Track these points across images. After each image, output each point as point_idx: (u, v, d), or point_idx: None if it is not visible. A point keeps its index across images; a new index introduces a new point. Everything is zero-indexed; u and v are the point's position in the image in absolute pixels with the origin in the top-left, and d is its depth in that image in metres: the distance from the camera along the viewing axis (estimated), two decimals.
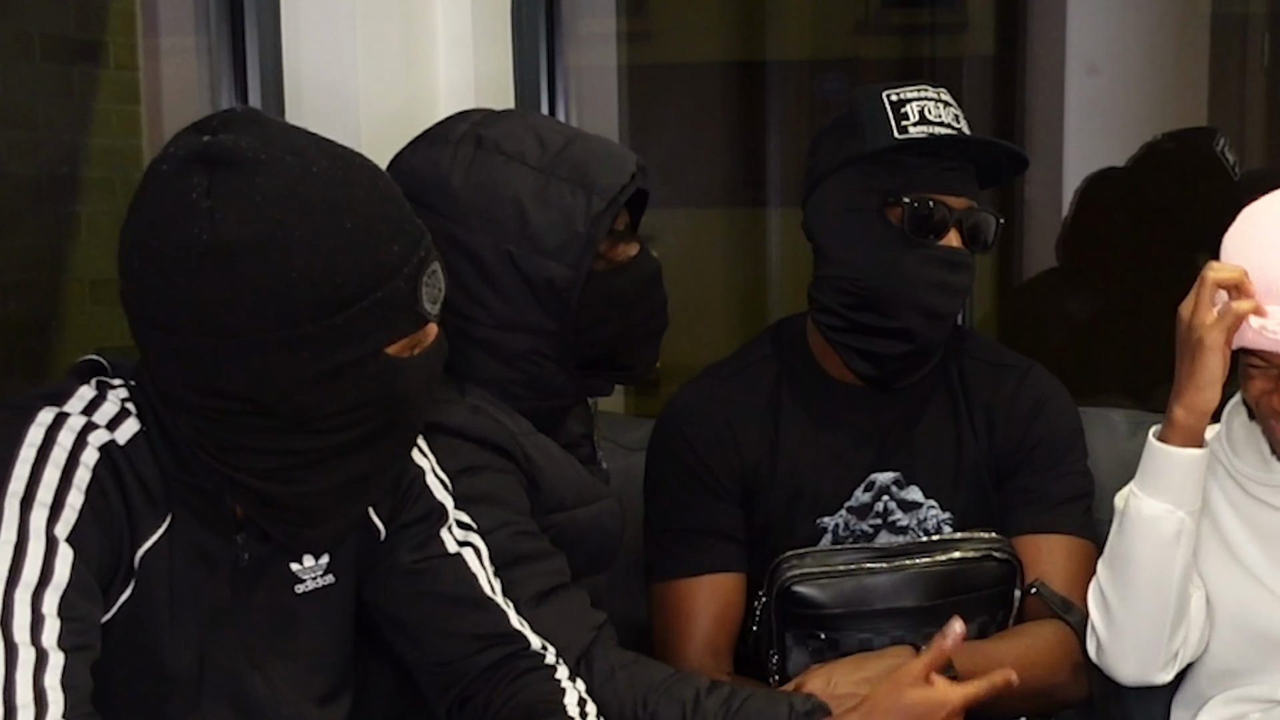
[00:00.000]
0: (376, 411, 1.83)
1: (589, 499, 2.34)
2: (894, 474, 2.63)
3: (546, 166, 2.22)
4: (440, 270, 1.81)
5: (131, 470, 1.83)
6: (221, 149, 1.70)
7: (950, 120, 2.42)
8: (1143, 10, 4.38)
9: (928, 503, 2.63)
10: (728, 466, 2.58)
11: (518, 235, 2.18)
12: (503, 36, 3.23)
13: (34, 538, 1.71)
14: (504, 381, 2.24)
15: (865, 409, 2.58)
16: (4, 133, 3.26)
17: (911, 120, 2.45)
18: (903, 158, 2.39)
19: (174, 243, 1.67)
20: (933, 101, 2.46)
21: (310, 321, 1.72)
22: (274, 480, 1.86)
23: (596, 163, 2.19)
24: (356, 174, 1.78)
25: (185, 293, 1.70)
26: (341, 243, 1.74)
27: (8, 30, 3.24)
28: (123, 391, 1.85)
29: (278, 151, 1.72)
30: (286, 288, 1.71)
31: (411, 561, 2.07)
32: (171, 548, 1.86)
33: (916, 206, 2.41)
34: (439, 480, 2.09)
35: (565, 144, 2.20)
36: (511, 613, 2.07)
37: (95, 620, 1.78)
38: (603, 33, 3.81)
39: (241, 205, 1.68)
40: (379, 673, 2.18)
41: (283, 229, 1.70)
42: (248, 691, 1.97)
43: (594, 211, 2.12)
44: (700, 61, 4.75)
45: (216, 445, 1.82)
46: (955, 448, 2.63)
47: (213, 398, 1.77)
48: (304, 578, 1.99)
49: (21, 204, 3.33)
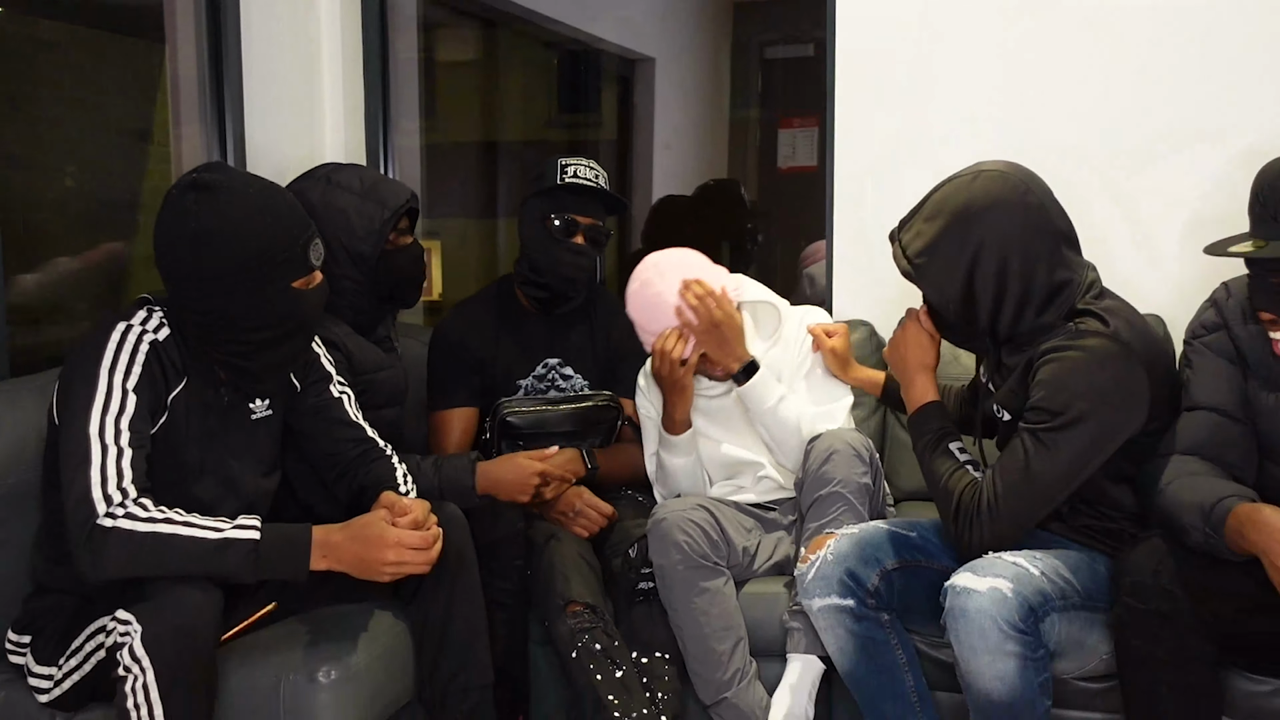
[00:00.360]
0: (289, 319, 2.18)
1: (384, 367, 2.79)
2: (557, 359, 3.09)
3: (362, 194, 2.69)
4: (320, 242, 2.21)
5: (165, 354, 2.15)
6: (202, 180, 2.07)
7: (590, 177, 2.92)
8: (693, 112, 4.90)
9: (576, 375, 3.09)
10: (467, 351, 3.02)
11: (345, 230, 2.66)
12: (359, 126, 3.89)
13: (116, 389, 2.06)
14: (337, 306, 2.63)
15: (542, 324, 3.06)
16: (100, 178, 3.51)
17: (569, 175, 2.91)
18: (559, 194, 2.92)
19: (175, 230, 2.07)
20: (584, 166, 2.95)
21: (251, 269, 2.08)
22: (240, 357, 2.18)
23: (389, 192, 2.72)
24: (273, 192, 2.16)
25: (185, 256, 2.07)
26: (265, 226, 2.09)
27: (98, 120, 3.48)
28: (160, 312, 2.17)
29: (231, 181, 2.10)
30: (238, 250, 2.07)
31: (314, 401, 2.43)
32: (186, 395, 2.20)
33: (559, 222, 2.94)
34: (326, 359, 2.48)
35: (375, 181, 2.74)
36: (368, 427, 2.48)
37: (147, 433, 2.10)
38: (411, 127, 4.15)
39: (210, 209, 2.06)
40: (294, 463, 2.53)
41: (233, 220, 2.06)
42: (226, 470, 2.28)
43: (384, 218, 2.67)
44: (463, 140, 4.84)
45: (210, 340, 2.16)
46: (590, 346, 3.10)
47: (205, 314, 2.12)
48: (256, 412, 2.33)
49: (108, 218, 3.51)
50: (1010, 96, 3.26)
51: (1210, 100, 3.10)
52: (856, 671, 2.32)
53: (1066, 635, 2.15)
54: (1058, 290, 2.20)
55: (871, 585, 2.29)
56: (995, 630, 2.03)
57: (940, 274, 2.21)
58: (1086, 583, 2.19)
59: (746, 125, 4.69)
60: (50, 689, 2.16)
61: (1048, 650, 2.12)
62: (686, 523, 2.56)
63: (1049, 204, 2.24)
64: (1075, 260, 2.25)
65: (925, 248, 2.22)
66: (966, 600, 2.07)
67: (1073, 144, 3.18)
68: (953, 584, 2.12)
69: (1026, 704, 2.07)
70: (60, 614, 2.19)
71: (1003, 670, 2.05)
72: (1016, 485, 2.11)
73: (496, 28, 4.78)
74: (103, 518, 1.95)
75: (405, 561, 2.11)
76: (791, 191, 4.23)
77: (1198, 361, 2.22)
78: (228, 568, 2.02)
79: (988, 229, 2.17)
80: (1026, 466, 2.10)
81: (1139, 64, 3.13)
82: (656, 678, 2.56)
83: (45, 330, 3.16)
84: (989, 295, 2.19)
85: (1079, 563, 2.22)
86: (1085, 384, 2.09)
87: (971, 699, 2.13)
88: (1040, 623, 2.08)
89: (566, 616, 2.54)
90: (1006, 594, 2.04)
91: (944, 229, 2.20)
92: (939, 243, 2.20)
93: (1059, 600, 2.12)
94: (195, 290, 2.08)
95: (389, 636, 2.37)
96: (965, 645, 2.08)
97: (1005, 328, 2.23)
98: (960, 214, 2.19)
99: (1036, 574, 2.11)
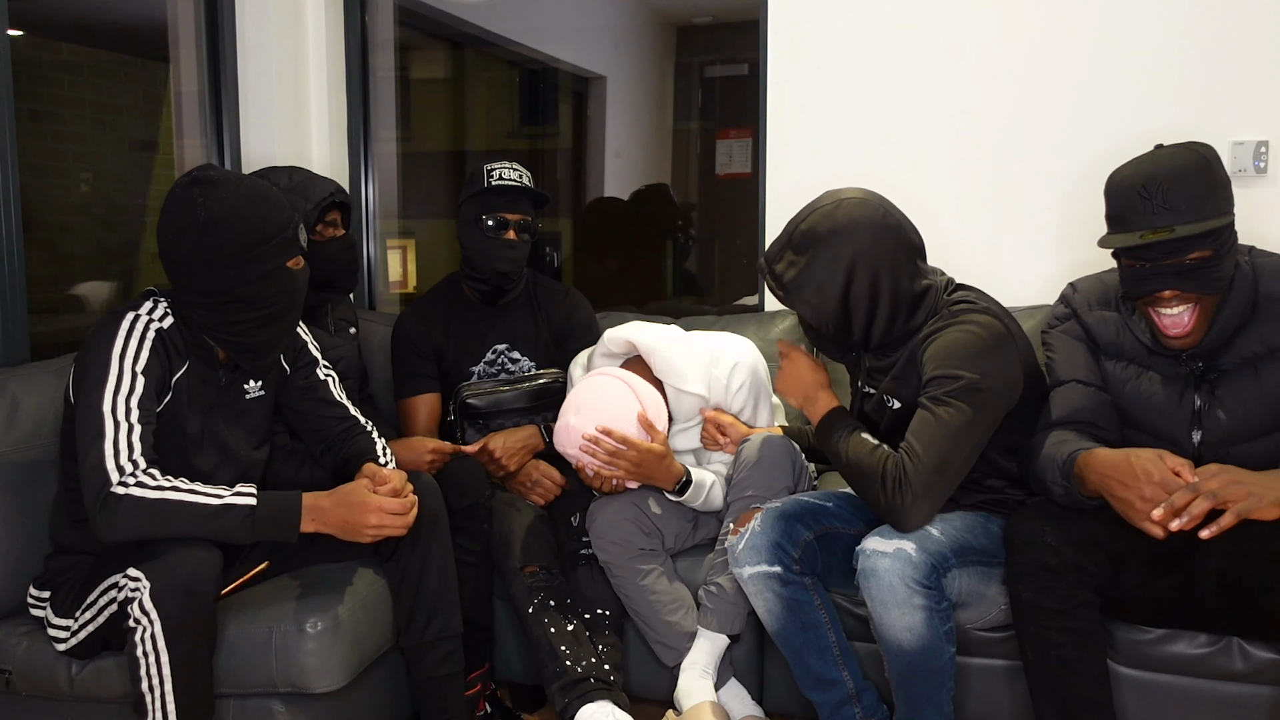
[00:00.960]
0: (282, 296, 2.20)
1: (331, 347, 2.81)
2: (505, 344, 3.06)
3: (289, 189, 2.69)
4: (304, 227, 2.25)
5: (170, 340, 2.18)
6: (203, 176, 2.14)
7: (514, 178, 2.91)
8: (640, 124, 4.80)
9: (523, 358, 3.07)
10: (425, 341, 3.02)
11: None
12: (342, 137, 3.91)
13: (126, 371, 2.09)
14: None
15: (487, 313, 3.06)
16: (115, 183, 3.62)
17: (494, 178, 2.91)
18: (488, 196, 2.92)
19: (184, 221, 2.10)
20: (508, 168, 2.94)
21: (250, 250, 2.12)
22: (242, 335, 2.21)
23: (314, 187, 2.72)
24: (263, 184, 2.21)
25: (196, 243, 2.10)
26: (263, 211, 2.14)
27: (111, 133, 3.60)
28: (164, 303, 2.20)
29: (228, 176, 2.16)
30: (238, 234, 2.11)
31: (302, 381, 2.46)
32: (188, 376, 2.22)
33: (491, 221, 2.94)
34: (313, 345, 2.50)
35: (303, 179, 2.73)
36: (351, 406, 2.52)
37: (154, 410, 2.13)
38: (389, 137, 4.12)
39: (216, 199, 2.10)
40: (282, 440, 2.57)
41: (237, 207, 2.11)
42: (224, 442, 2.30)
43: (306, 209, 2.68)
44: (435, 150, 4.83)
45: (214, 322, 2.19)
46: (534, 331, 3.07)
47: (207, 296, 2.14)
48: (250, 392, 2.36)
49: (122, 218, 3.58)
50: (917, 116, 3.35)
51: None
52: (784, 630, 2.35)
53: (966, 589, 2.21)
54: (921, 297, 2.28)
55: (796, 553, 2.31)
56: (903, 586, 2.08)
57: (815, 296, 2.24)
58: (982, 540, 2.24)
59: (688, 136, 4.68)
60: (67, 639, 2.20)
61: (950, 603, 2.17)
62: (620, 521, 2.61)
63: (904, 222, 2.31)
64: (929, 269, 2.35)
65: (799, 275, 2.25)
66: (876, 561, 2.12)
67: (982, 158, 3.29)
68: (863, 547, 2.17)
69: (934, 651, 2.12)
70: (77, 571, 2.23)
71: (911, 622, 2.10)
72: (935, 443, 2.12)
73: (464, 49, 4.83)
74: (116, 486, 2.00)
75: (385, 525, 2.16)
76: (728, 196, 4.25)
77: (1056, 344, 2.32)
78: (226, 530, 2.06)
79: (857, 249, 2.22)
80: (939, 424, 2.12)
81: (1051, 82, 3.20)
82: (598, 631, 2.62)
83: (62, 319, 3.25)
84: (863, 309, 2.25)
85: (973, 523, 2.28)
86: (973, 349, 2.15)
87: (886, 649, 2.17)
88: (943, 578, 2.13)
89: (524, 576, 2.59)
90: (911, 554, 2.10)
91: (815, 256, 2.23)
92: (812, 269, 2.23)
93: (956, 558, 2.16)
94: (204, 274, 2.10)
95: (370, 591, 2.41)
96: (877, 601, 2.13)
97: (879, 335, 2.29)
98: (829, 239, 2.22)
99: (937, 534, 2.16)
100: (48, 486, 2.38)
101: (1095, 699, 2.09)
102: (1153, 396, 2.21)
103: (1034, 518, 2.14)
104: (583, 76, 4.88)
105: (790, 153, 3.45)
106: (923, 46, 3.32)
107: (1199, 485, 1.96)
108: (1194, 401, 2.17)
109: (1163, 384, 2.20)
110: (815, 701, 2.37)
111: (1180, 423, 2.19)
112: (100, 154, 3.55)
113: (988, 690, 2.40)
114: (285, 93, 3.59)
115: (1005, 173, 3.26)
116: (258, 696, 2.23)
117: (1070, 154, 3.19)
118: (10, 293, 2.65)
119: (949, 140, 3.30)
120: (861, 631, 2.42)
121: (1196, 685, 2.23)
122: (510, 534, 2.65)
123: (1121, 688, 2.24)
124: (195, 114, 3.46)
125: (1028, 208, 3.24)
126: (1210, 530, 1.95)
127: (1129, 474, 2.00)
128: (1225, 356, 2.15)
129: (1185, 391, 2.19)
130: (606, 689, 2.48)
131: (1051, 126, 3.22)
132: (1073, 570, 2.03)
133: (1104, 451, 2.09)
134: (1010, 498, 2.37)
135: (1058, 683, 2.09)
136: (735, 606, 2.53)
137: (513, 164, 2.96)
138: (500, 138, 5.14)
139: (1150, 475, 1.98)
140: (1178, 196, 2.02)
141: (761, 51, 3.45)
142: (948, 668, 2.17)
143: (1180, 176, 2.04)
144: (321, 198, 2.69)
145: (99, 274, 3.52)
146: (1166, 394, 2.20)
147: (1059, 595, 2.04)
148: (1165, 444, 2.17)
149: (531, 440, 2.87)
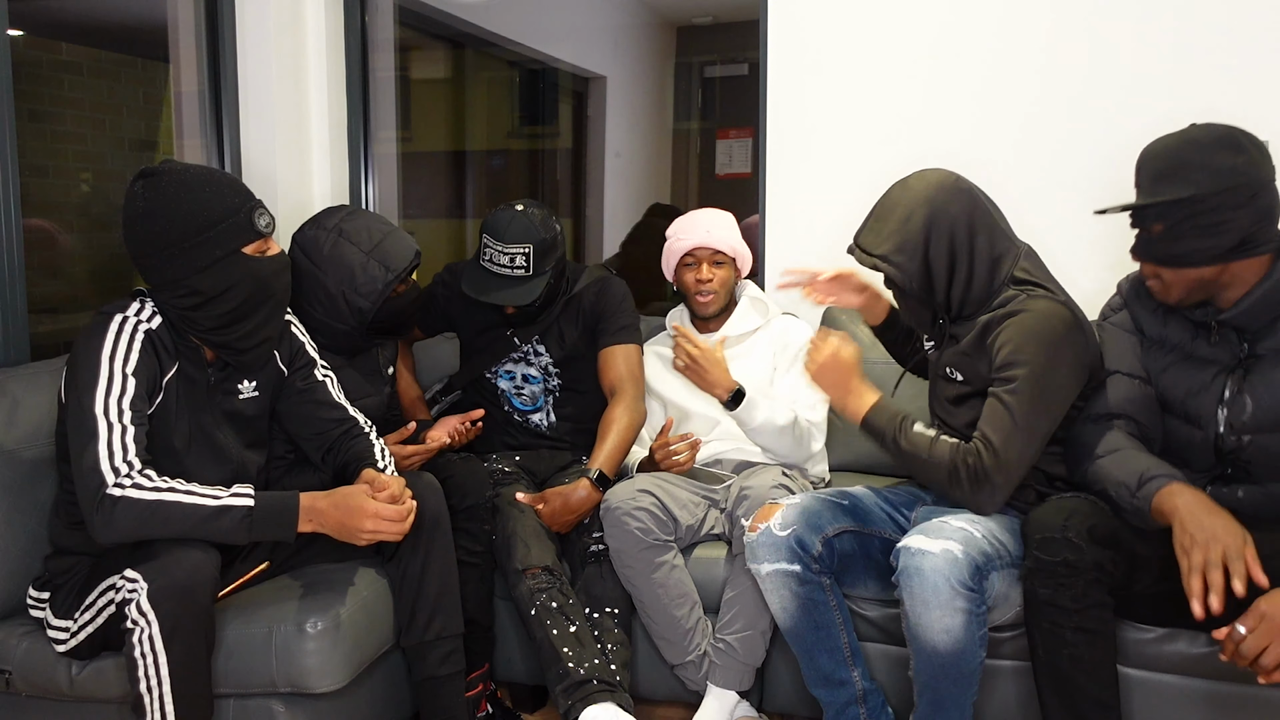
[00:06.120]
0: (248, 285, 2.14)
1: (365, 395, 2.76)
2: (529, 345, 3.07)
3: (370, 251, 2.59)
4: (267, 211, 2.15)
5: (159, 341, 2.15)
6: (148, 170, 2.11)
7: (504, 263, 2.77)
8: (640, 124, 4.88)
9: (548, 354, 3.06)
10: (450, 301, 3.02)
11: (349, 284, 2.58)
12: (343, 137, 3.86)
13: (117, 373, 2.06)
14: (327, 344, 2.64)
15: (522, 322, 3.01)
16: (112, 184, 3.62)
17: (484, 258, 2.82)
18: (479, 274, 2.85)
19: (128, 214, 2.10)
20: (498, 251, 2.78)
21: (192, 235, 2.09)
22: (217, 331, 2.18)
23: (395, 252, 2.61)
24: (213, 172, 2.15)
25: (139, 234, 2.10)
26: (205, 198, 2.10)
27: (111, 133, 3.60)
28: (152, 303, 2.18)
29: (173, 168, 2.11)
30: (178, 220, 2.08)
31: (300, 384, 2.42)
32: (178, 377, 2.20)
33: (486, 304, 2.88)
34: (310, 346, 2.48)
35: (383, 238, 2.60)
36: (349, 407, 2.47)
37: (145, 411, 2.12)
38: (389, 137, 4.09)
39: (155, 189, 2.09)
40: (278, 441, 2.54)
41: (174, 196, 2.08)
42: (216, 443, 2.28)
43: (387, 280, 2.60)
44: (435, 149, 4.84)
45: (189, 321, 2.16)
46: (560, 332, 3.04)
47: (171, 292, 2.12)
48: (243, 392, 2.33)
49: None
50: (918, 116, 3.32)
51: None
52: (797, 628, 2.34)
53: (1000, 591, 2.18)
54: (998, 261, 2.29)
55: (815, 551, 2.30)
56: (948, 587, 2.06)
57: (899, 254, 2.27)
58: (1012, 542, 2.21)
59: (688, 136, 4.73)
60: (67, 640, 2.18)
61: (987, 606, 2.15)
62: (635, 509, 2.58)
63: (978, 192, 2.35)
64: (1009, 236, 2.36)
65: (883, 241, 2.29)
66: (922, 560, 2.09)
67: (983, 158, 3.22)
68: (906, 545, 2.14)
69: (967, 655, 2.10)
70: (76, 573, 2.21)
71: (950, 624, 2.08)
72: (1010, 433, 2.13)
73: (464, 49, 4.81)
74: (111, 487, 1.97)
75: (380, 531, 2.14)
76: (728, 196, 4.16)
77: (1108, 337, 2.33)
78: (224, 531, 2.03)
79: (933, 209, 2.26)
80: (1012, 415, 2.13)
81: (1052, 82, 3.18)
82: (607, 630, 2.59)
83: (62, 319, 3.21)
84: (943, 266, 2.27)
85: (1005, 523, 2.25)
86: (1046, 337, 2.16)
87: (917, 648, 2.14)
88: (984, 580, 2.11)
89: (526, 578, 2.56)
90: (958, 555, 2.07)
91: (897, 222, 2.28)
92: (895, 233, 2.28)
93: (998, 560, 2.15)
94: (157, 264, 2.09)
95: (371, 591, 2.39)
96: (919, 600, 2.10)
97: (958, 294, 2.30)
98: (908, 205, 2.28)
99: (979, 536, 2.14)
100: (48, 487, 2.35)
101: (1105, 701, 2.07)
102: (1186, 379, 2.21)
103: (1057, 513, 2.11)
104: (583, 76, 4.87)
105: (790, 153, 3.42)
106: (923, 46, 3.29)
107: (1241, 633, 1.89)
108: (1224, 385, 2.16)
109: (1199, 367, 2.20)
110: (822, 700, 2.36)
111: (1208, 406, 2.18)
112: (100, 154, 3.53)
113: (993, 690, 2.38)
114: (285, 93, 3.56)
115: (1007, 173, 3.13)
116: (258, 696, 2.22)
117: (1072, 155, 3.16)
118: (10, 293, 2.62)
119: (949, 140, 3.26)
120: (872, 633, 2.43)
121: (1197, 685, 2.22)
122: (513, 535, 2.62)
123: (1122, 686, 2.22)
124: (195, 114, 3.44)
125: (1033, 210, 3.13)
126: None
127: (1205, 547, 1.94)
128: (1267, 340, 2.13)
129: (1218, 376, 2.17)
130: (610, 690, 2.46)
131: (1052, 127, 3.18)
132: (1092, 568, 2.02)
133: (1190, 503, 2.01)
134: (1041, 493, 2.34)
135: (1068, 683, 2.06)
136: (745, 665, 2.54)
137: (508, 248, 2.78)
138: (500, 137, 5.15)
139: (1218, 564, 1.92)
140: (1144, 172, 2.10)
141: (761, 51, 3.43)
142: (977, 672, 2.15)
143: (1154, 153, 2.10)
144: (400, 269, 2.61)
145: (99, 274, 3.49)
146: (1200, 378, 2.19)
147: (1075, 593, 2.02)
148: (1191, 427, 2.19)
149: (585, 507, 2.72)
